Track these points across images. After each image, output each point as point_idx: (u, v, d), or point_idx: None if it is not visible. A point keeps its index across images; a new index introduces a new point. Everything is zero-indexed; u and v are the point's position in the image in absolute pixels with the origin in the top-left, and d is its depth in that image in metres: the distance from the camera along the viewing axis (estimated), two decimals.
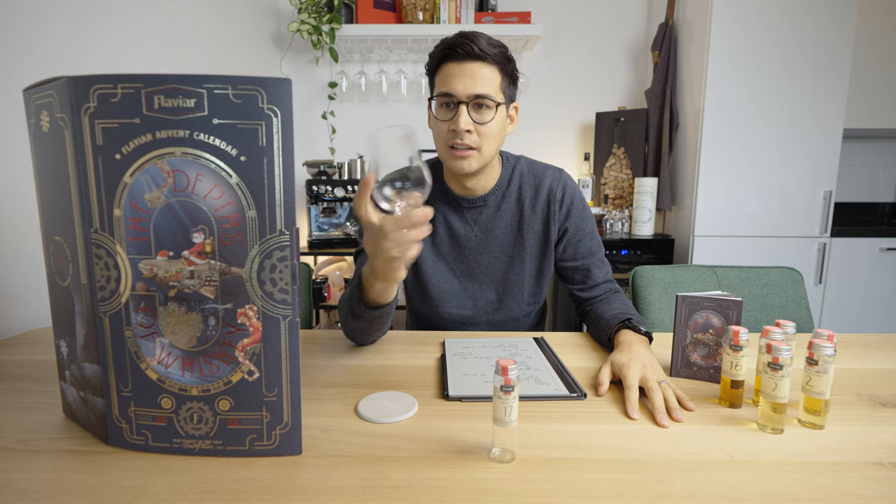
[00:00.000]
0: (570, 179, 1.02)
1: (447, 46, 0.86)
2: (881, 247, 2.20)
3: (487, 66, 0.86)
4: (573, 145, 2.67)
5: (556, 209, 0.98)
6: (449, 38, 0.87)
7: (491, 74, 0.87)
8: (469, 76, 0.86)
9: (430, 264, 1.01)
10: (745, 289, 1.21)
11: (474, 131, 0.88)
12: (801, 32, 2.03)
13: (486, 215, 1.00)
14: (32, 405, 0.63)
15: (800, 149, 2.11)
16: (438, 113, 0.90)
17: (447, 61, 0.87)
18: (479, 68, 0.86)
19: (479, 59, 0.86)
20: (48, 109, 0.49)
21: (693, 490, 0.45)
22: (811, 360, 0.57)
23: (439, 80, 0.89)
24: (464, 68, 0.86)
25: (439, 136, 0.91)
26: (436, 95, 0.89)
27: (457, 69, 0.86)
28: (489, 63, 0.86)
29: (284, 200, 0.47)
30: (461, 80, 0.86)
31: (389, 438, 0.55)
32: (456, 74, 0.86)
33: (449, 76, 0.87)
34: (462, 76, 0.86)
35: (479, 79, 0.86)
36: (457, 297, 1.02)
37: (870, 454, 0.52)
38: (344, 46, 2.49)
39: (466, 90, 0.86)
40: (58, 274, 0.54)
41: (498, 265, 1.01)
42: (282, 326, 0.49)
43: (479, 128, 0.88)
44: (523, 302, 1.02)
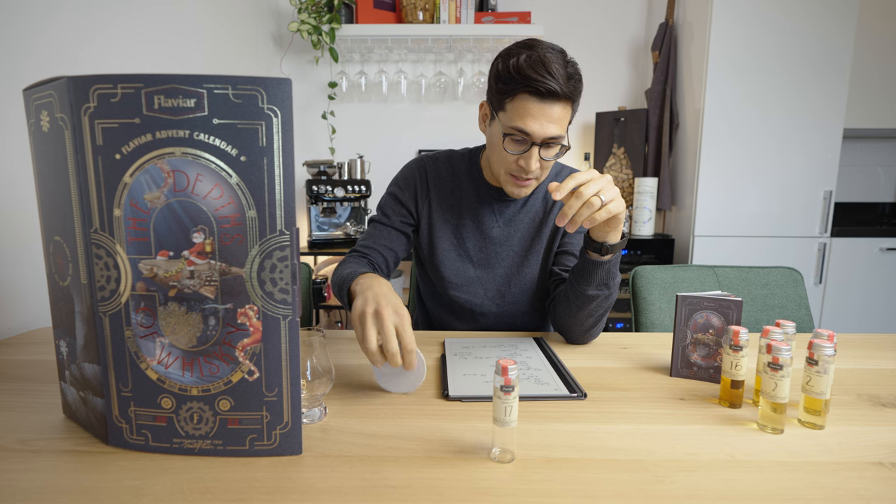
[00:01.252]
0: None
1: (529, 81, 0.80)
2: (881, 247, 2.20)
3: (564, 105, 0.83)
4: (573, 145, 2.67)
5: None
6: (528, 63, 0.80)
7: (565, 113, 0.84)
8: (546, 117, 0.82)
9: (447, 248, 1.03)
10: (745, 289, 1.21)
11: (540, 166, 0.87)
12: (800, 32, 2.03)
13: (512, 209, 1.01)
14: (32, 405, 0.63)
15: (800, 149, 2.11)
16: (508, 145, 0.87)
17: (524, 93, 0.82)
18: (556, 108, 0.82)
19: (559, 99, 0.82)
20: (48, 109, 0.49)
21: (693, 490, 0.45)
22: (811, 360, 0.57)
23: (515, 111, 0.83)
24: (542, 109, 0.82)
25: (501, 161, 0.89)
26: (511, 129, 0.84)
27: (535, 109, 0.82)
28: (566, 102, 0.83)
29: (284, 200, 0.47)
30: (539, 121, 0.82)
31: (389, 438, 0.55)
32: (535, 113, 0.82)
33: (525, 113, 0.82)
34: (540, 116, 0.82)
35: (555, 121, 0.83)
36: (469, 285, 1.04)
37: (870, 454, 0.52)
38: (344, 46, 2.49)
39: (542, 132, 0.83)
40: (58, 274, 0.54)
41: (515, 258, 1.02)
42: (282, 326, 0.49)
43: (543, 163, 0.88)
44: (531, 293, 1.04)
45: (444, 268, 1.03)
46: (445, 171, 1.03)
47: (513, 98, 0.83)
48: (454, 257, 1.03)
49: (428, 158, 1.05)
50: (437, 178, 1.03)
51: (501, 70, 0.85)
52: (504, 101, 0.85)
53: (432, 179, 1.03)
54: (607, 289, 0.85)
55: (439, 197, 1.02)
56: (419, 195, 1.03)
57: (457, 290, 1.04)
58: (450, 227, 1.03)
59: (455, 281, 1.04)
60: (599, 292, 0.84)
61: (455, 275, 1.03)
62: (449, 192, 1.02)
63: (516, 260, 1.02)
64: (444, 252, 1.03)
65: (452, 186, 1.03)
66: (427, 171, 1.03)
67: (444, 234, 1.02)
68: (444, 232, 1.02)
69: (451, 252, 1.03)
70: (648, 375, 0.75)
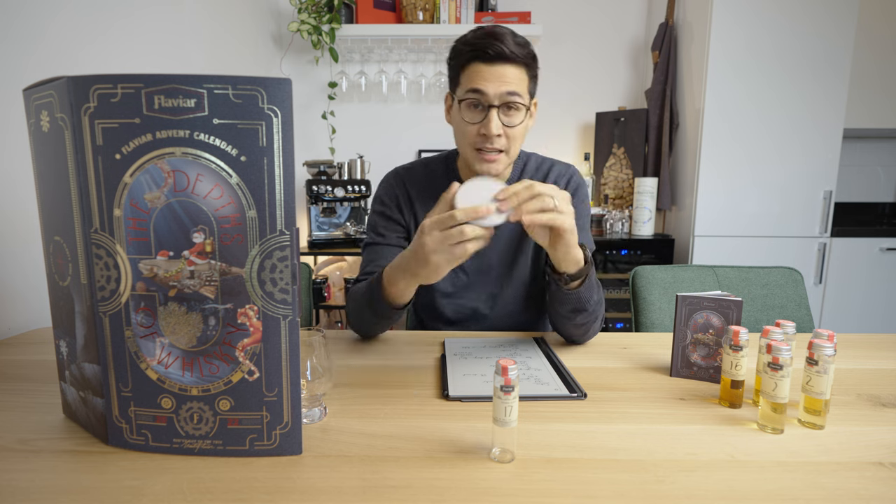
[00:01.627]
0: (578, 174, 1.02)
1: (477, 47, 0.84)
2: (881, 247, 2.20)
3: (516, 67, 0.85)
4: (573, 145, 2.67)
5: None
6: (475, 35, 0.85)
7: (519, 75, 0.85)
8: (499, 78, 0.84)
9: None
10: (745, 289, 1.21)
11: (503, 134, 0.87)
12: (800, 32, 2.03)
13: None
14: (32, 405, 0.63)
15: (800, 149, 2.11)
16: (466, 114, 0.88)
17: (475, 61, 0.85)
18: (508, 70, 0.84)
19: (509, 61, 0.84)
20: (48, 109, 0.49)
21: (693, 490, 0.45)
22: (811, 360, 0.57)
23: (466, 78, 0.86)
24: (493, 70, 0.84)
25: (465, 137, 0.89)
26: (464, 97, 0.87)
27: (486, 71, 0.84)
28: (518, 64, 0.85)
29: (284, 200, 0.47)
30: (492, 82, 0.84)
31: (389, 438, 0.55)
32: (486, 75, 0.84)
33: (478, 76, 0.85)
34: (492, 78, 0.84)
35: (510, 82, 0.84)
36: (459, 290, 1.02)
37: (870, 454, 0.52)
38: (344, 46, 2.49)
39: (497, 91, 0.84)
40: (58, 274, 0.54)
41: (504, 260, 1.01)
42: (282, 326, 0.49)
43: (507, 130, 0.87)
44: (523, 293, 1.03)
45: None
46: (423, 179, 1.02)
47: (465, 68, 0.87)
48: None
49: (403, 169, 1.04)
50: (417, 186, 1.02)
51: (452, 50, 0.90)
52: (459, 76, 0.88)
53: (412, 188, 1.01)
54: (584, 311, 0.83)
55: (422, 205, 1.01)
56: (403, 207, 1.01)
57: (449, 298, 1.03)
58: None
59: (447, 290, 1.02)
60: (576, 314, 0.84)
61: (447, 283, 1.02)
62: (431, 199, 1.00)
63: (505, 261, 1.01)
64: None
65: (433, 194, 1.01)
66: (405, 181, 1.02)
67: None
68: None
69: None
70: (648, 375, 0.75)
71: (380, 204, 1.03)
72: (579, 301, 0.82)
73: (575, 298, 0.82)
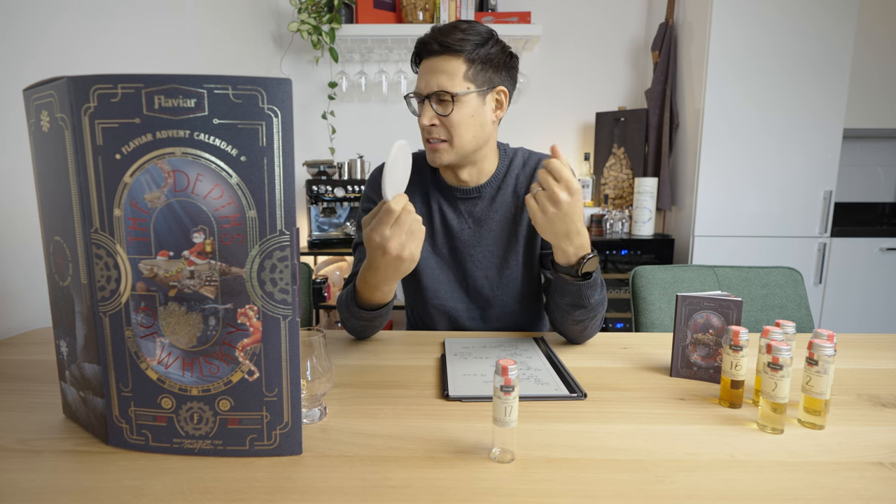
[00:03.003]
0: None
1: (419, 44, 0.90)
2: (881, 247, 2.20)
3: (450, 58, 0.88)
4: (573, 145, 2.67)
5: None
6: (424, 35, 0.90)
7: (451, 66, 0.87)
8: (429, 72, 0.88)
9: (424, 256, 1.01)
10: (745, 289, 1.21)
11: (440, 124, 0.90)
12: (800, 33, 2.03)
13: (480, 207, 0.99)
14: (32, 405, 0.63)
15: (800, 149, 2.11)
16: (415, 109, 0.94)
17: (422, 58, 0.91)
18: (441, 63, 0.88)
19: (443, 54, 0.88)
20: (48, 109, 0.49)
21: (693, 490, 0.45)
22: (811, 360, 0.57)
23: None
24: (430, 65, 0.89)
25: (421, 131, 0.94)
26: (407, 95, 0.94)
27: (425, 66, 0.90)
28: (452, 55, 0.87)
29: (284, 200, 0.47)
30: (423, 77, 0.90)
31: (389, 438, 0.55)
32: (423, 71, 0.90)
33: (420, 73, 0.91)
34: (424, 73, 0.90)
35: (438, 73, 0.88)
36: (450, 290, 1.02)
37: (870, 454, 0.52)
38: (344, 46, 2.49)
39: (427, 87, 0.89)
40: (58, 274, 0.54)
41: (492, 258, 1.00)
42: (282, 326, 0.49)
43: (443, 120, 0.89)
44: (516, 294, 1.02)
45: (425, 277, 1.01)
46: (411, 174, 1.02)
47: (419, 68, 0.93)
48: (432, 264, 1.02)
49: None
50: None
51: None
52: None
53: None
54: (582, 308, 0.83)
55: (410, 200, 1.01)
56: None
57: (440, 300, 1.02)
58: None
59: (437, 290, 1.02)
60: (575, 309, 0.84)
61: (436, 284, 1.02)
62: (416, 193, 1.02)
63: (495, 262, 1.00)
64: (423, 259, 1.01)
65: (419, 191, 1.02)
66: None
67: None
68: None
69: (430, 259, 1.01)
70: (648, 375, 0.75)
71: (367, 201, 1.03)
72: (580, 296, 0.81)
73: (576, 292, 0.81)
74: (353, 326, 0.89)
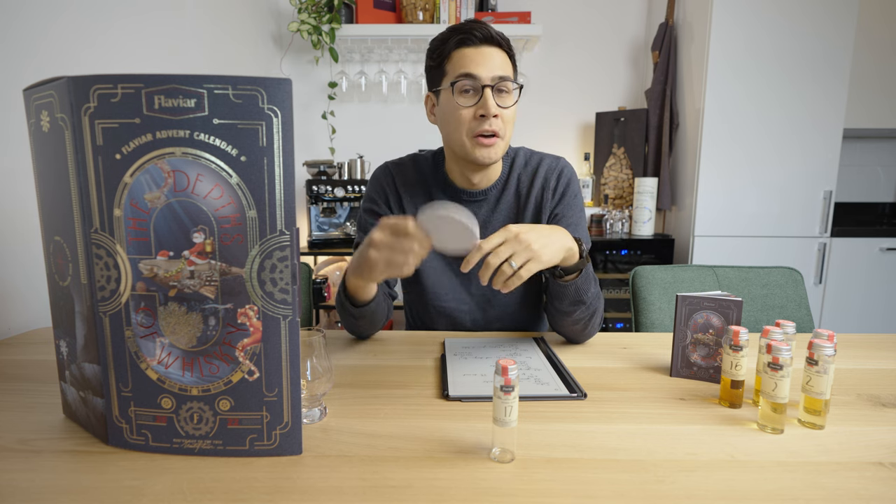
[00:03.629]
0: (568, 167, 0.99)
1: (463, 31, 0.85)
2: (881, 247, 2.20)
3: (501, 51, 0.86)
4: (573, 145, 2.67)
5: (548, 197, 0.96)
6: (457, 25, 0.87)
7: (505, 60, 0.86)
8: (489, 60, 0.84)
9: (428, 258, 1.00)
10: (745, 289, 1.21)
11: (499, 116, 0.86)
12: (800, 33, 2.03)
13: (485, 210, 0.99)
14: (32, 405, 0.63)
15: (799, 149, 2.11)
16: (460, 99, 0.86)
17: (462, 47, 0.86)
18: (495, 52, 0.85)
19: (495, 44, 0.85)
20: (48, 109, 0.49)
21: (693, 490, 0.45)
22: (811, 360, 0.57)
23: (455, 65, 0.86)
24: (482, 52, 0.84)
25: (460, 125, 0.87)
26: (456, 78, 0.85)
27: (475, 53, 0.85)
28: (502, 49, 0.86)
29: (285, 200, 0.47)
30: (482, 64, 0.84)
31: (389, 438, 0.55)
32: (475, 58, 0.84)
33: (468, 60, 0.85)
34: (483, 60, 0.84)
35: (498, 62, 0.85)
36: (452, 291, 1.01)
37: (870, 454, 0.52)
38: (344, 46, 2.49)
39: (490, 73, 0.84)
40: (58, 274, 0.54)
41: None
42: (282, 326, 0.49)
43: (502, 113, 0.86)
44: (517, 294, 1.01)
45: (426, 278, 1.01)
46: (413, 176, 1.00)
47: (450, 56, 0.87)
48: (435, 266, 1.01)
49: (393, 164, 1.02)
50: (406, 183, 1.00)
51: (430, 49, 0.90)
52: (443, 66, 0.88)
53: (402, 185, 1.00)
54: (582, 304, 0.83)
55: (411, 200, 0.99)
56: (391, 201, 1.00)
57: (441, 301, 1.02)
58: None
59: (439, 291, 1.01)
60: (575, 308, 0.84)
61: (438, 285, 1.01)
62: (419, 195, 1.00)
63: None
64: (426, 260, 0.99)
65: (423, 191, 1.00)
66: (395, 177, 1.00)
67: None
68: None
69: (432, 261, 1.00)
70: (648, 375, 0.75)
71: (368, 201, 1.01)
72: (577, 293, 0.82)
73: (573, 291, 0.82)
74: (347, 323, 0.89)
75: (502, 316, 1.03)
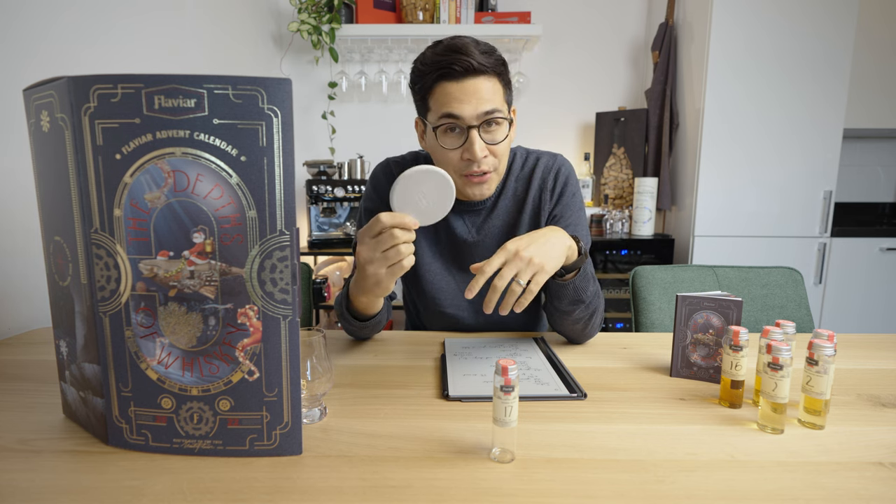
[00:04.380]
0: (566, 164, 0.97)
1: (441, 66, 0.77)
2: (881, 247, 2.20)
3: (488, 79, 0.79)
4: (573, 145, 2.67)
5: (546, 199, 0.95)
6: (435, 52, 0.79)
7: (493, 87, 0.80)
8: (473, 95, 0.77)
9: (427, 261, 1.00)
10: (745, 289, 1.21)
11: (489, 153, 0.82)
12: (800, 33, 2.03)
13: (482, 214, 0.98)
14: (32, 405, 0.63)
15: (799, 149, 2.11)
16: (444, 140, 0.82)
17: (442, 81, 0.78)
18: (480, 83, 0.78)
19: (479, 74, 0.78)
20: (48, 109, 0.49)
21: (693, 490, 0.45)
22: (811, 360, 0.57)
23: (437, 102, 0.80)
24: (465, 87, 0.77)
25: (448, 165, 0.84)
26: (439, 123, 0.80)
27: (457, 89, 0.77)
28: (489, 75, 0.79)
29: (285, 200, 0.47)
30: (466, 102, 0.78)
31: (389, 438, 0.55)
32: (457, 96, 0.77)
33: (450, 98, 0.78)
34: (466, 97, 0.77)
35: (484, 95, 0.78)
36: (452, 296, 1.01)
37: (870, 454, 0.52)
38: (344, 46, 2.49)
39: (476, 110, 0.78)
40: (58, 274, 0.54)
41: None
42: (282, 326, 0.49)
43: (492, 148, 0.82)
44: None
45: (426, 282, 1.00)
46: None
47: (432, 91, 0.80)
48: (434, 270, 1.00)
49: (393, 162, 1.00)
50: None
51: (413, 73, 0.83)
52: (427, 100, 0.82)
53: None
54: (581, 303, 0.83)
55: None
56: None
57: (442, 305, 1.01)
58: (428, 236, 0.98)
59: (438, 295, 1.01)
60: (574, 307, 0.83)
61: (438, 288, 1.00)
62: None
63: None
64: (425, 265, 0.99)
65: None
66: (395, 172, 0.98)
67: (421, 244, 0.98)
68: (420, 241, 0.97)
69: (433, 264, 1.00)
70: (648, 375, 0.75)
71: (368, 200, 1.00)
72: (576, 292, 0.82)
73: (572, 290, 0.81)
74: (348, 329, 0.90)
75: (502, 319, 1.03)
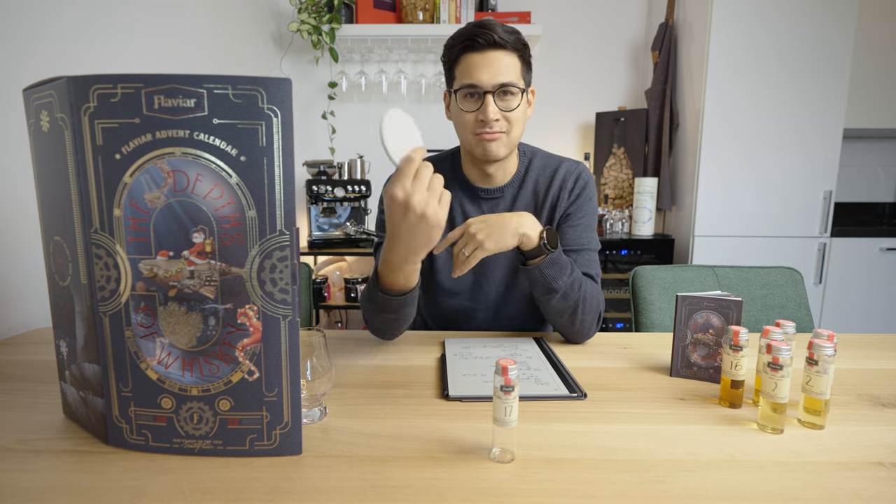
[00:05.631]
0: (586, 172, 1.01)
1: (466, 38, 0.87)
2: (881, 247, 2.20)
3: (508, 54, 0.88)
4: (573, 145, 2.67)
5: (564, 197, 0.98)
6: (465, 29, 0.88)
7: (512, 62, 0.88)
8: (492, 65, 0.87)
9: (445, 257, 1.01)
10: (745, 289, 1.21)
11: (502, 118, 0.89)
12: (800, 33, 2.03)
13: (502, 207, 1.00)
14: (32, 405, 0.63)
15: (799, 149, 2.11)
16: (464, 104, 0.90)
17: (467, 52, 0.88)
18: (500, 56, 0.87)
19: (500, 48, 0.87)
20: (48, 109, 0.49)
21: (693, 490, 0.45)
22: (811, 360, 0.57)
23: (461, 72, 0.89)
24: (486, 58, 0.87)
25: (465, 126, 0.92)
26: (459, 88, 0.90)
27: (479, 59, 0.87)
28: (509, 51, 0.88)
29: (284, 200, 0.47)
30: (485, 70, 0.87)
31: (389, 438, 0.55)
32: (479, 64, 0.87)
33: (472, 66, 0.88)
34: (485, 66, 0.87)
35: (502, 67, 0.87)
36: (467, 289, 1.02)
37: (870, 454, 0.52)
38: (344, 46, 2.49)
39: (491, 80, 0.87)
40: (58, 274, 0.54)
41: (510, 262, 1.00)
42: (282, 326, 0.49)
43: (505, 114, 0.89)
44: (525, 302, 1.02)
45: (442, 277, 1.02)
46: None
47: (458, 62, 0.90)
48: (450, 264, 1.01)
49: None
50: None
51: (444, 48, 0.93)
52: (454, 70, 0.91)
53: None
54: (554, 292, 0.85)
55: None
56: None
57: (456, 299, 1.02)
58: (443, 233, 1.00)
59: (454, 290, 1.02)
60: (549, 296, 0.85)
61: (453, 283, 1.01)
62: None
63: (511, 263, 1.00)
64: (442, 262, 1.01)
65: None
66: None
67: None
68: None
69: (447, 258, 1.01)
70: (648, 375, 0.75)
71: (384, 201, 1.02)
72: (544, 279, 0.84)
73: (538, 275, 0.84)
74: (379, 322, 0.85)
75: (514, 314, 1.04)
